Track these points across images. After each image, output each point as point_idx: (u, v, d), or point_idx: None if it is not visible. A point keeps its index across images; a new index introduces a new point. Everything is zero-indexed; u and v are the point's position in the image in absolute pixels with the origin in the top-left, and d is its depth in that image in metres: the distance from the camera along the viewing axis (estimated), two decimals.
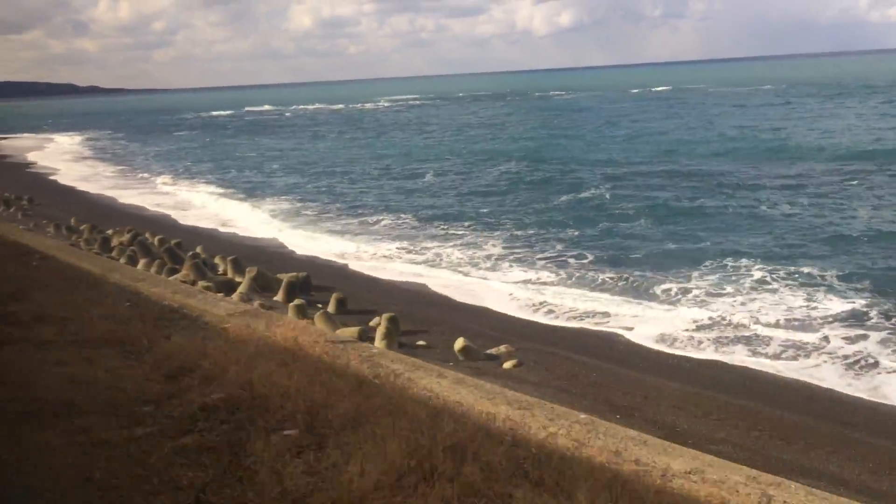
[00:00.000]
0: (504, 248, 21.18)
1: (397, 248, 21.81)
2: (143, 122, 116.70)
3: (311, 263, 20.33)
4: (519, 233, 22.93)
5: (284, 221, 27.51)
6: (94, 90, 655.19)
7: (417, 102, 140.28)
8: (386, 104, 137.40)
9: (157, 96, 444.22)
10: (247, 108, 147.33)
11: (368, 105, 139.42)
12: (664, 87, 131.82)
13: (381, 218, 26.89)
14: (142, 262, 18.28)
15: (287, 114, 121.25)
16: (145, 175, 43.96)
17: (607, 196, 28.59)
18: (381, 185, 35.99)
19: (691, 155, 38.81)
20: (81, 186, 38.92)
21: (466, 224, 24.90)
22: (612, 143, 46.80)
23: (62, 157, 56.88)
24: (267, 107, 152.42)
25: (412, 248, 21.86)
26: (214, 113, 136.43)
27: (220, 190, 36.23)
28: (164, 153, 58.03)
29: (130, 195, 35.05)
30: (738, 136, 45.57)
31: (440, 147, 50.66)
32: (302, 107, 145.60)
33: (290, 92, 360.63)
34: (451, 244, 21.97)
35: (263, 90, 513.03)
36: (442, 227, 24.69)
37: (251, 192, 34.86)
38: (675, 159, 37.60)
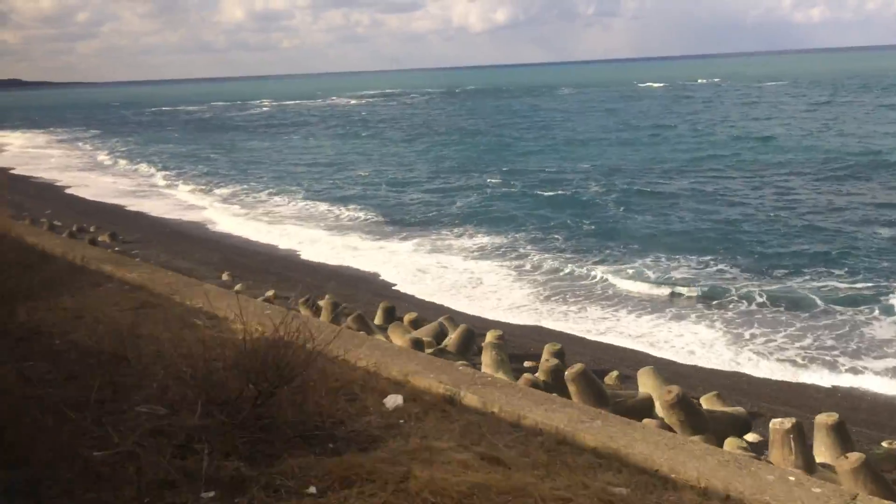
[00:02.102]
0: None
1: None
2: (110, 117, 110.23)
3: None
4: None
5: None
6: (14, 83, 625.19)
7: (390, 98, 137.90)
8: (353, 101, 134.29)
9: (95, 90, 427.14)
10: (215, 104, 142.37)
11: (338, 101, 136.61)
12: (660, 84, 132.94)
13: None
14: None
15: (262, 108, 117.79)
16: (218, 192, 35.50)
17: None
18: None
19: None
20: (150, 210, 30.85)
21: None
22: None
23: (53, 161, 51.10)
24: (219, 102, 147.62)
25: None
26: (186, 107, 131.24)
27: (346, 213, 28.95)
28: (181, 156, 51.78)
29: (231, 224, 27.72)
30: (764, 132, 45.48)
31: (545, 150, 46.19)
32: (266, 102, 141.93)
33: (231, 86, 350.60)
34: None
35: (198, 84, 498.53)
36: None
37: (391, 216, 27.96)
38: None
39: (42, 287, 6.33)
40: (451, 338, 12.03)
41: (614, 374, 11.54)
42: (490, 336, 11.99)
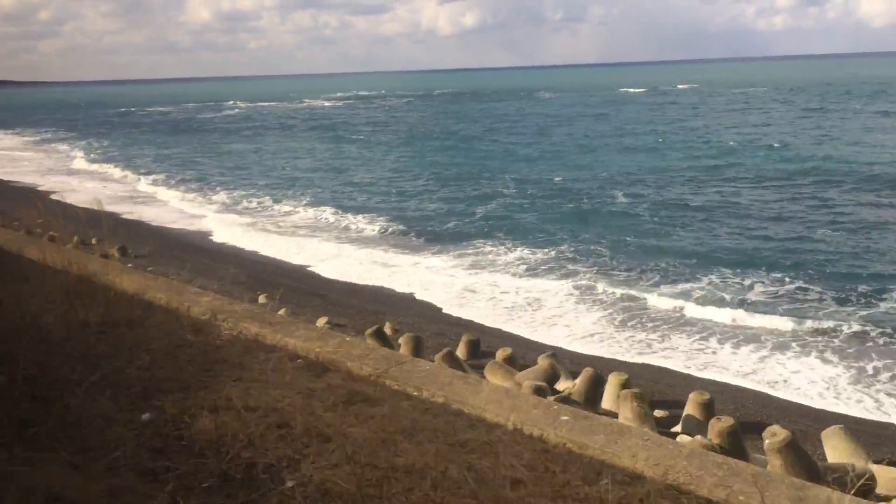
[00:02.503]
0: None
1: None
2: (80, 118, 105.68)
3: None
4: None
5: None
6: None
7: (371, 99, 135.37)
8: (329, 104, 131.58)
9: (58, 89, 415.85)
10: (186, 104, 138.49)
11: (315, 103, 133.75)
12: (639, 90, 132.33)
13: None
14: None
15: (237, 110, 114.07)
16: (215, 198, 33.11)
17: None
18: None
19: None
20: (149, 219, 27.97)
21: None
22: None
23: (29, 165, 47.80)
24: (186, 104, 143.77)
25: None
26: (157, 108, 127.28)
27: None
28: (165, 160, 48.60)
29: (239, 236, 25.15)
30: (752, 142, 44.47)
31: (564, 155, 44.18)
32: (240, 103, 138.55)
33: (199, 87, 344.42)
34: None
35: (164, 84, 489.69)
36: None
37: (413, 227, 25.75)
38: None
39: (180, 367, 4.46)
40: (577, 384, 10.24)
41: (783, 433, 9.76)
42: (616, 380, 10.22)
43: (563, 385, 10.69)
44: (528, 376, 10.76)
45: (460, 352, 12.34)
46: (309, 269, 21.19)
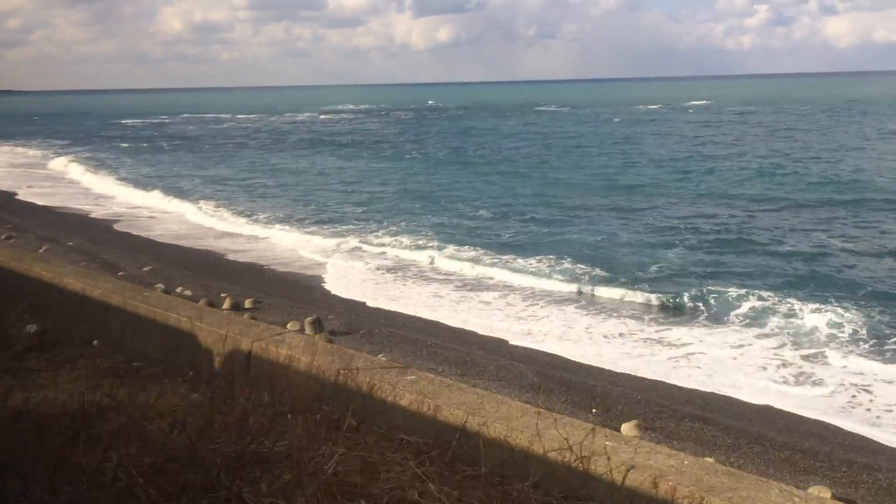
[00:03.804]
0: None
1: None
2: (79, 129, 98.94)
3: None
4: None
5: None
6: None
7: (372, 112, 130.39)
8: (324, 117, 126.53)
9: (34, 98, 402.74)
10: (171, 117, 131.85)
11: (300, 117, 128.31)
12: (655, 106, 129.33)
13: None
14: None
15: (226, 123, 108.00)
16: (320, 231, 27.70)
17: None
18: None
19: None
20: (265, 261, 23.31)
21: None
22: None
23: (60, 183, 42.86)
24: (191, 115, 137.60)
25: None
26: (149, 121, 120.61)
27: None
28: (213, 181, 42.57)
29: (401, 294, 19.62)
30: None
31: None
32: (240, 115, 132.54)
33: (172, 98, 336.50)
34: None
35: (137, 95, 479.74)
36: None
37: (605, 271, 20.83)
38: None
39: None
40: None
41: None
42: None
43: None
44: None
45: None
46: (522, 345, 16.17)
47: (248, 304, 16.37)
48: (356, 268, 22.47)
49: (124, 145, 70.09)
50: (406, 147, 64.10)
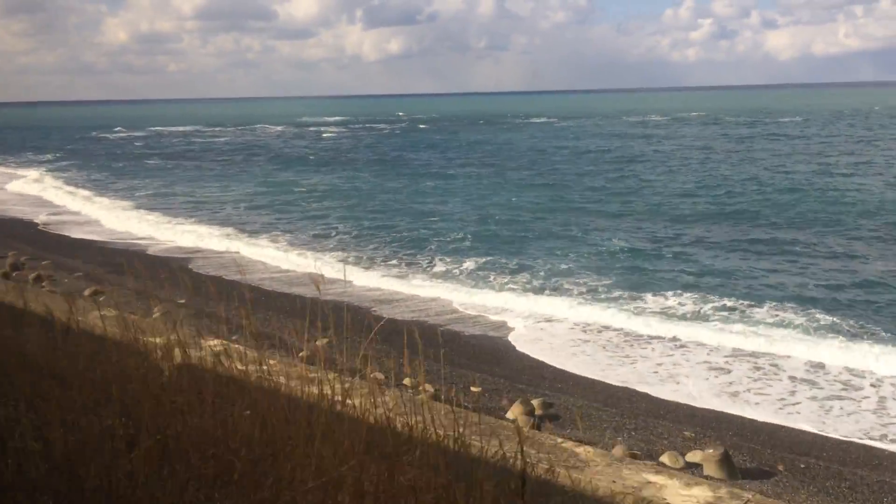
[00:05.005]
0: None
1: None
2: (70, 144, 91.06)
3: None
4: None
5: None
6: None
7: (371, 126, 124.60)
8: (326, 129, 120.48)
9: None
10: (151, 129, 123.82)
11: (274, 129, 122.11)
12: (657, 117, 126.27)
13: None
14: None
15: (194, 138, 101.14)
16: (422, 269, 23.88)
17: None
18: None
19: None
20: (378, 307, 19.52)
21: None
22: None
23: (86, 209, 36.68)
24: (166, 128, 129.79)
25: None
26: (131, 133, 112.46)
27: None
28: (252, 208, 36.97)
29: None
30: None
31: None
32: (225, 128, 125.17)
33: (119, 110, 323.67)
34: None
35: (82, 107, 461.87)
36: None
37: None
38: None
39: None
40: None
41: None
42: None
43: None
44: None
45: None
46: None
47: (537, 406, 11.69)
48: (555, 328, 17.84)
49: (118, 164, 63.51)
50: (459, 168, 54.82)
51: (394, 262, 25.11)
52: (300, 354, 14.78)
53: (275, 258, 25.72)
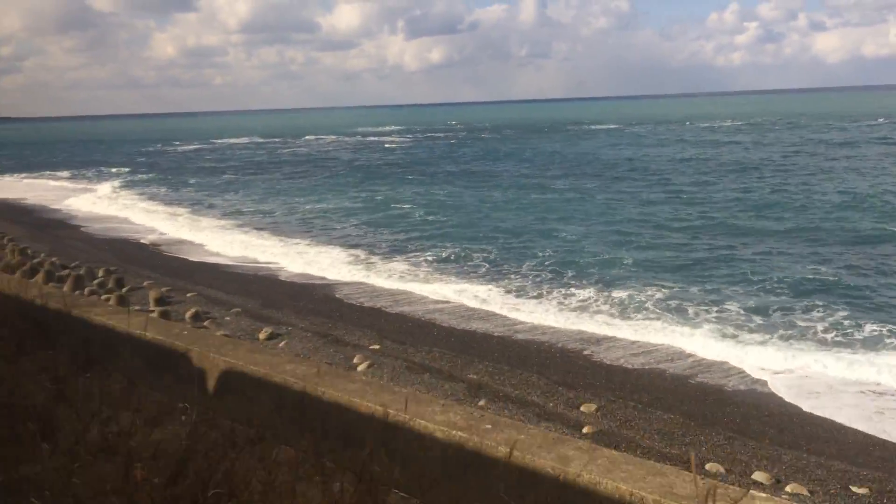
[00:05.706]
0: None
1: None
2: (137, 157, 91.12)
3: None
4: None
5: None
6: None
7: (411, 135, 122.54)
8: (385, 138, 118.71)
9: (28, 125, 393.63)
10: (212, 141, 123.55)
11: (329, 138, 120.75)
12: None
13: None
14: None
15: (293, 149, 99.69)
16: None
17: None
18: None
19: None
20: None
21: None
22: None
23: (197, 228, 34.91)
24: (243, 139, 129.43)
25: None
26: (195, 146, 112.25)
27: None
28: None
29: None
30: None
31: None
32: (238, 140, 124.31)
33: (169, 123, 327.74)
34: None
35: (127, 120, 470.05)
36: None
37: None
38: None
39: None
40: None
41: None
42: None
43: None
44: None
45: None
46: None
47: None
48: (831, 384, 14.59)
49: (194, 180, 61.65)
50: (559, 181, 51.45)
51: (560, 290, 22.01)
52: (584, 430, 11.64)
53: (422, 288, 22.82)
